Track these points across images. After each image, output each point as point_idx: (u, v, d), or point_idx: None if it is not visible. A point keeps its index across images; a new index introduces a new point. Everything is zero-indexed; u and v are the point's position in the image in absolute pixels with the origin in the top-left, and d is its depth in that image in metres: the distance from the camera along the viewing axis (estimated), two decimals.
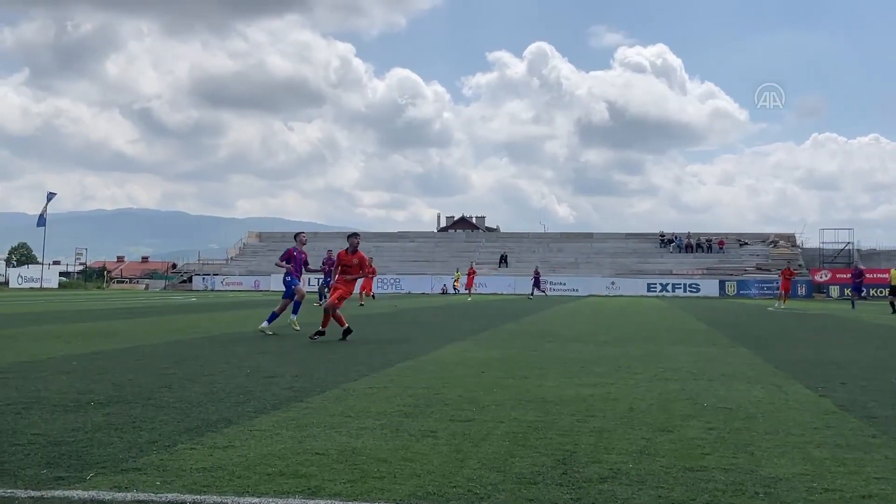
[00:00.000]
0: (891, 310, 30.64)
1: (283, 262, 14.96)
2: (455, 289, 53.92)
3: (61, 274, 78.29)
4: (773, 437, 5.46)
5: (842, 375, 9.03)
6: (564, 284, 60.60)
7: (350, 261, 13.70)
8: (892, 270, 32.27)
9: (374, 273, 32.07)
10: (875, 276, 51.03)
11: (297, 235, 16.02)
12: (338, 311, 13.28)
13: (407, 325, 18.10)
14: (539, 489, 4.05)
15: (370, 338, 13.95)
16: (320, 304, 24.28)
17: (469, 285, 45.57)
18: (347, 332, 13.27)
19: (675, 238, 70.72)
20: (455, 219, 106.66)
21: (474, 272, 46.35)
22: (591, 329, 17.44)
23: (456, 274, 54.20)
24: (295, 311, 15.05)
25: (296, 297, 14.93)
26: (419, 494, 3.92)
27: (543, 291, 48.33)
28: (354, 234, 14.33)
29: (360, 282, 20.19)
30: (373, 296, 33.66)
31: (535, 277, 47.10)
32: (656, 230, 74.10)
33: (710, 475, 4.38)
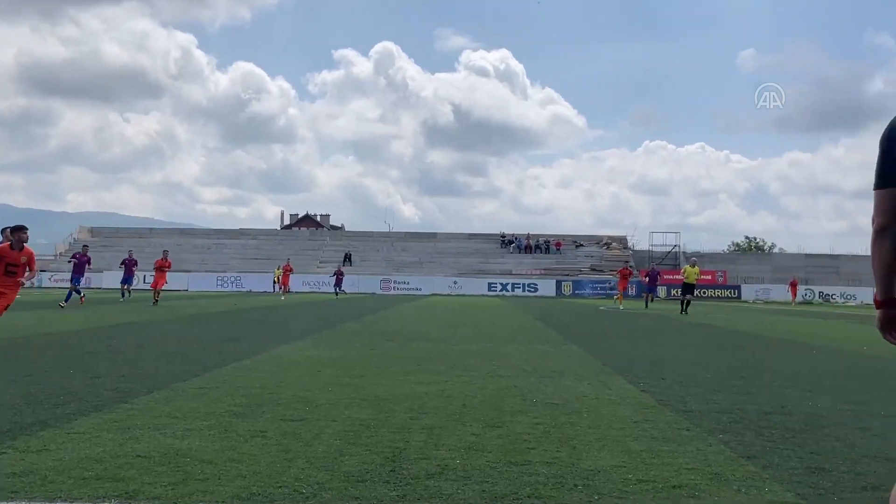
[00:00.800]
0: (680, 308, 29.70)
1: None
2: (279, 287, 49.39)
3: None
4: (596, 430, 5.68)
5: (662, 372, 9.51)
6: (408, 283, 61.05)
7: (17, 259, 11.55)
8: (687, 268, 30.91)
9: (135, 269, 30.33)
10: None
11: (2, 231, 13.79)
12: None
13: (245, 324, 17.72)
14: (366, 486, 4.06)
15: (205, 337, 13.59)
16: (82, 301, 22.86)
17: (285, 282, 43.85)
18: None
19: (515, 239, 72.60)
20: (299, 216, 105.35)
21: (290, 269, 44.18)
22: (431, 328, 17.64)
23: (276, 272, 50.97)
24: None
25: None
26: (243, 496, 3.85)
27: (339, 291, 47.12)
28: (21, 228, 11.89)
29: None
30: (156, 299, 28.79)
31: (336, 276, 46.88)
32: (498, 231, 75.86)
33: (533, 469, 4.52)
